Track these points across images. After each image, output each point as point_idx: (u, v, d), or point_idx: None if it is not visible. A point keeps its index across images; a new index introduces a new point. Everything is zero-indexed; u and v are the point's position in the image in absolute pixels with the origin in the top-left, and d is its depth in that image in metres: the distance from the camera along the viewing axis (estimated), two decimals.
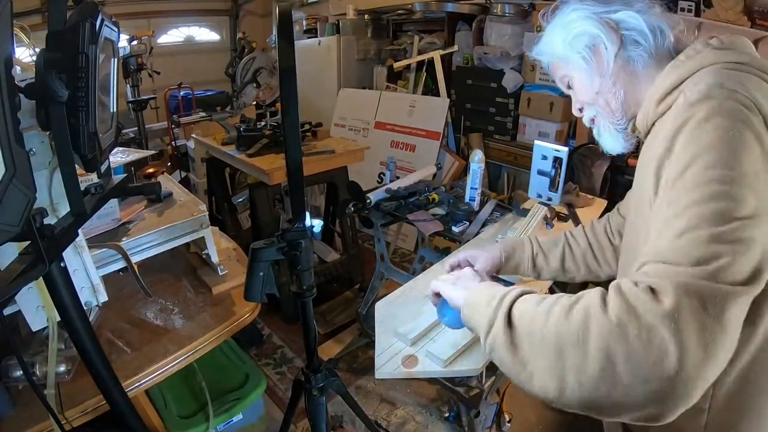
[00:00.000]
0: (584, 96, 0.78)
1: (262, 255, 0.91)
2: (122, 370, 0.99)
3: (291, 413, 1.25)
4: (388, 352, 0.99)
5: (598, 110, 0.77)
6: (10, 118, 0.52)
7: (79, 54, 0.62)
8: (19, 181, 0.54)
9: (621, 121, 0.76)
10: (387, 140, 3.29)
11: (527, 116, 2.87)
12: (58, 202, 0.77)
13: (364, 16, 3.64)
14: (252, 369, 1.53)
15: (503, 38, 2.88)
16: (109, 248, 1.06)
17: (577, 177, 2.55)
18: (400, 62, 3.33)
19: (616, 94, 0.73)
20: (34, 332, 0.91)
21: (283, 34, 0.78)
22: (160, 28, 4.53)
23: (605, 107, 0.75)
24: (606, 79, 0.72)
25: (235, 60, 2.56)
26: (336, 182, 2.43)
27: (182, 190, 1.44)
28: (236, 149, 2.21)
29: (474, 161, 1.72)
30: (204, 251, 1.33)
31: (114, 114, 0.86)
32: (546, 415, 1.14)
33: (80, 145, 0.65)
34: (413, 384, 1.97)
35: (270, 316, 2.40)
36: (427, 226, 1.63)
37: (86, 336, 0.79)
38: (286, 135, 0.83)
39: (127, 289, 1.29)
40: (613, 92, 0.73)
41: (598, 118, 0.79)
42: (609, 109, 0.75)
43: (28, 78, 0.60)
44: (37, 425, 0.87)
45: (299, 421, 1.77)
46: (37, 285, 0.81)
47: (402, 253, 3.12)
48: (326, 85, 3.69)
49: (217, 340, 1.15)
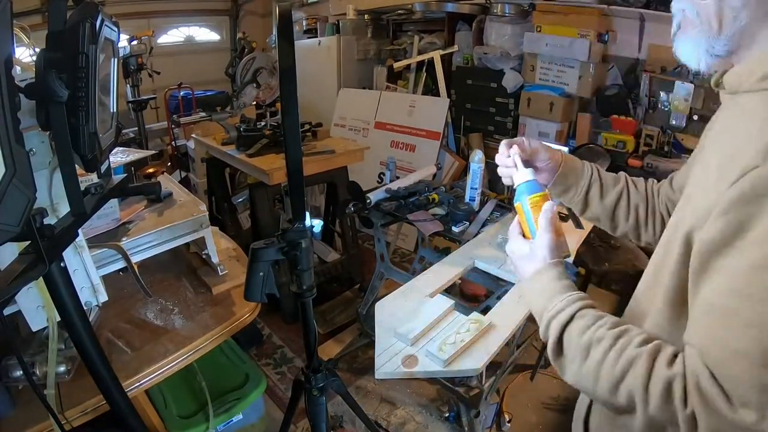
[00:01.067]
0: None
1: (262, 255, 0.91)
2: (122, 370, 0.99)
3: (291, 413, 1.25)
4: (388, 352, 0.99)
5: (698, 12, 0.55)
6: (10, 118, 0.52)
7: (79, 54, 0.62)
8: (19, 181, 0.54)
9: (722, 48, 0.55)
10: (387, 140, 3.29)
11: (527, 116, 2.87)
12: (58, 202, 0.77)
13: (364, 16, 3.64)
14: (252, 369, 1.53)
15: (503, 38, 2.88)
16: (109, 248, 1.06)
17: None
18: (400, 62, 3.33)
19: (737, 17, 0.52)
20: (34, 332, 0.91)
21: (283, 34, 0.78)
22: (160, 28, 4.53)
23: (712, 17, 0.53)
24: None
25: (235, 60, 2.56)
26: (336, 182, 2.43)
27: (182, 190, 1.44)
28: (236, 149, 2.21)
29: (474, 161, 1.72)
30: (204, 251, 1.33)
31: (114, 114, 0.86)
32: (546, 416, 1.13)
33: (80, 145, 0.65)
34: (413, 384, 1.97)
35: (270, 316, 2.40)
36: (427, 226, 1.63)
37: (86, 336, 0.79)
38: (286, 135, 0.83)
39: (127, 289, 1.29)
40: (735, 13, 0.52)
41: (692, 19, 0.56)
42: (716, 23, 0.53)
43: (28, 78, 0.60)
44: (37, 425, 0.87)
45: (299, 421, 1.77)
46: (37, 285, 0.81)
47: (402, 253, 3.12)
48: (326, 85, 3.69)
49: (217, 340, 1.15)
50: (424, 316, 1.09)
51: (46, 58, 0.60)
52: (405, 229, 3.06)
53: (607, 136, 2.55)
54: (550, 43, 2.63)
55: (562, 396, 1.95)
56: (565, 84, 2.71)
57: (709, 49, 0.55)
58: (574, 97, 2.74)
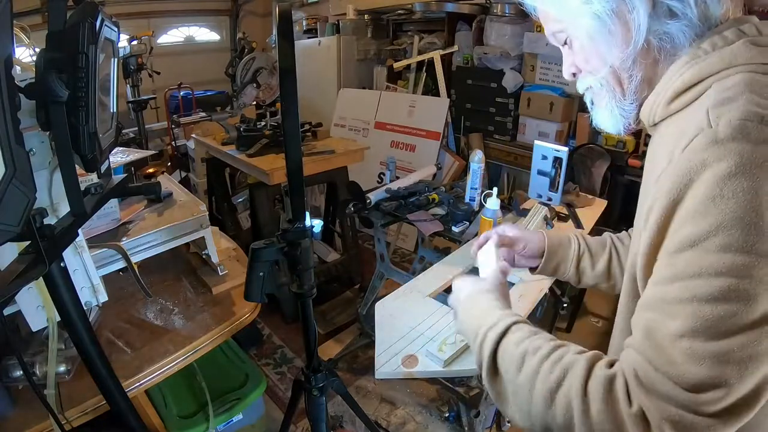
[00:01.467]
0: (587, 65, 0.60)
1: (262, 255, 0.91)
2: (122, 370, 0.99)
3: (291, 413, 1.25)
4: (388, 352, 0.99)
5: (602, 84, 0.60)
6: (10, 118, 0.52)
7: (79, 54, 0.62)
8: (19, 181, 0.54)
9: (630, 105, 0.60)
10: (387, 140, 3.29)
11: (527, 116, 2.87)
12: (58, 202, 0.77)
13: (364, 16, 3.64)
14: (252, 369, 1.53)
15: (503, 38, 2.88)
16: (109, 248, 1.06)
17: (577, 177, 2.55)
18: (400, 62, 3.33)
19: (632, 76, 0.57)
20: (34, 332, 0.91)
21: (283, 34, 0.78)
22: (160, 28, 4.53)
23: (614, 85, 0.59)
24: (627, 53, 0.55)
25: (235, 60, 2.56)
26: (336, 182, 2.43)
27: (182, 190, 1.44)
28: (236, 149, 2.21)
29: (474, 161, 1.72)
30: (204, 251, 1.33)
31: (114, 114, 0.86)
32: None
33: (80, 145, 0.65)
34: (413, 384, 1.97)
35: (270, 316, 2.40)
36: (427, 226, 1.63)
37: (86, 336, 0.79)
38: (286, 135, 0.83)
39: (127, 289, 1.29)
40: (630, 72, 0.56)
41: (599, 91, 0.62)
42: (618, 89, 0.59)
43: (28, 78, 0.60)
44: (37, 425, 0.87)
45: (299, 421, 1.77)
46: (37, 285, 0.82)
47: (402, 253, 3.13)
48: (326, 85, 3.69)
49: (217, 340, 1.15)
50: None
51: (46, 58, 0.60)
52: (405, 229, 3.06)
53: (607, 136, 2.54)
54: (550, 43, 2.62)
55: None
56: (565, 84, 2.71)
57: (621, 112, 0.61)
58: (574, 97, 2.74)
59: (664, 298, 0.46)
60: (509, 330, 0.57)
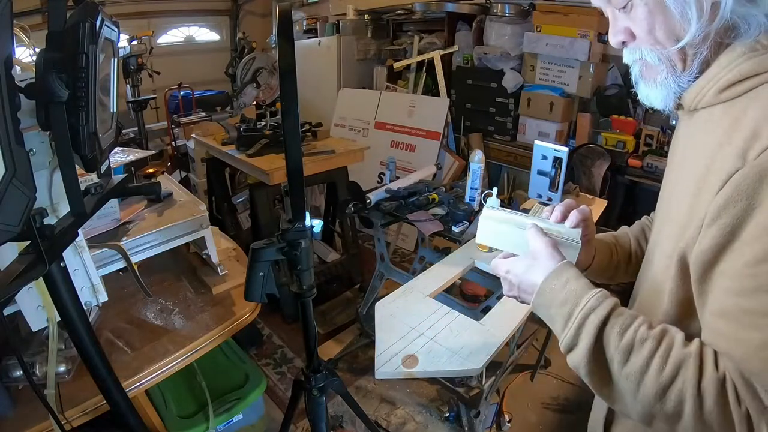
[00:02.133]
0: (649, 35, 0.55)
1: (262, 255, 0.91)
2: (122, 370, 0.99)
3: (291, 413, 1.25)
4: (388, 352, 0.99)
5: (659, 58, 0.56)
6: (10, 118, 0.52)
7: (79, 54, 0.62)
8: (19, 181, 0.54)
9: (687, 83, 0.56)
10: (387, 140, 3.29)
11: (527, 116, 2.87)
12: (58, 202, 0.77)
13: (364, 16, 3.64)
14: (252, 369, 1.53)
15: (503, 38, 2.88)
16: (109, 248, 1.06)
17: (577, 177, 2.55)
18: (400, 62, 3.33)
19: (698, 53, 0.53)
20: (34, 332, 0.91)
21: (283, 34, 0.78)
22: (160, 28, 4.52)
23: (676, 60, 0.55)
24: (705, 29, 0.51)
25: (235, 60, 2.56)
26: (336, 182, 2.43)
27: (182, 190, 1.44)
28: (236, 149, 2.21)
29: (474, 161, 1.72)
30: (204, 251, 1.33)
31: (114, 114, 0.86)
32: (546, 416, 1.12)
33: (80, 145, 0.65)
34: (413, 384, 1.97)
35: (270, 316, 2.40)
36: (427, 226, 1.63)
37: (86, 336, 0.79)
38: (286, 135, 0.83)
39: (127, 289, 1.29)
40: (697, 48, 0.53)
41: (654, 67, 0.57)
42: (680, 65, 0.55)
43: (28, 78, 0.60)
44: (37, 425, 0.87)
45: (299, 421, 1.77)
46: (37, 285, 0.81)
47: (402, 253, 3.12)
48: (326, 85, 3.69)
49: (217, 340, 1.15)
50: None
51: (46, 58, 0.60)
52: (405, 229, 3.06)
53: (607, 136, 2.55)
54: (550, 43, 2.63)
55: (562, 396, 1.95)
56: (565, 84, 2.71)
57: (677, 89, 0.57)
58: (574, 97, 2.75)
59: (749, 310, 0.48)
60: (611, 314, 0.55)
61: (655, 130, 2.45)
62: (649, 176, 2.35)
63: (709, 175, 0.52)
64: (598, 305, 0.56)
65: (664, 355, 0.51)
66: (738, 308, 0.49)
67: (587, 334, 0.55)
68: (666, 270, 0.59)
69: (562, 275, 0.60)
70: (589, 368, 0.55)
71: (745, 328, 0.48)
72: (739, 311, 0.49)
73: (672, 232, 0.58)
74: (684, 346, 0.52)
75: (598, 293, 0.57)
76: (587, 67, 2.58)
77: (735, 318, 0.49)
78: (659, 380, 0.51)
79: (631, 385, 0.52)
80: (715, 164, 0.51)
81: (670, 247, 0.58)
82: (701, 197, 0.52)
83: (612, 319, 0.55)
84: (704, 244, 0.51)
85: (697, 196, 0.53)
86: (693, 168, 0.56)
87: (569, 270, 0.61)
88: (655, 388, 0.51)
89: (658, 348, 0.52)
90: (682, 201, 0.57)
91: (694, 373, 0.50)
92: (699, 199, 0.53)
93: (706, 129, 0.56)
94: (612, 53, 2.65)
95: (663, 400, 0.51)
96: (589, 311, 0.56)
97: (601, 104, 2.64)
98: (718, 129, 0.53)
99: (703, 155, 0.54)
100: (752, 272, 0.47)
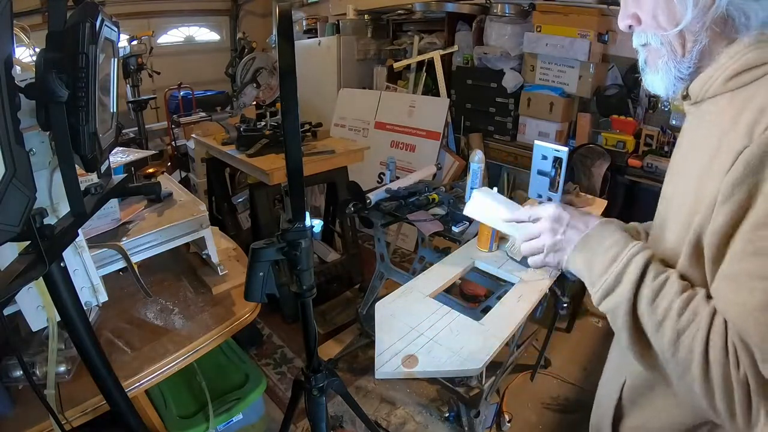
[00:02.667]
0: (653, 20, 0.59)
1: (262, 255, 0.91)
2: (122, 370, 0.99)
3: (291, 413, 1.25)
4: (388, 352, 0.99)
5: (662, 42, 0.59)
6: (10, 118, 0.52)
7: (79, 54, 0.62)
8: (19, 181, 0.54)
9: (687, 69, 0.59)
10: (387, 140, 3.29)
11: (527, 116, 2.87)
12: (58, 202, 0.77)
13: (364, 16, 3.64)
14: (252, 369, 1.53)
15: (503, 38, 2.88)
16: (109, 248, 1.06)
17: (577, 177, 2.55)
18: (400, 62, 3.33)
19: (697, 40, 0.57)
20: (34, 332, 0.91)
21: (283, 34, 0.77)
22: (160, 28, 4.52)
23: (676, 45, 0.58)
24: (702, 17, 0.55)
25: (235, 60, 2.55)
26: (336, 182, 2.43)
27: (182, 190, 1.44)
28: (236, 149, 2.21)
29: (474, 161, 1.72)
30: (204, 251, 1.33)
31: (114, 114, 0.86)
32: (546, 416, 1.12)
33: (80, 145, 0.65)
34: (413, 384, 1.97)
35: (270, 316, 2.40)
36: (427, 226, 1.63)
37: (86, 336, 0.79)
38: (286, 135, 0.83)
39: (127, 289, 1.29)
40: (696, 36, 0.57)
41: (657, 51, 0.61)
42: (680, 50, 0.58)
43: (28, 78, 0.60)
44: (37, 425, 0.87)
45: (299, 421, 1.77)
46: (37, 285, 0.81)
47: (402, 253, 3.12)
48: (326, 85, 3.69)
49: (217, 340, 1.15)
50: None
51: (46, 58, 0.60)
52: (405, 229, 3.06)
53: (607, 136, 2.55)
54: (550, 43, 2.63)
55: (562, 396, 1.95)
56: (565, 84, 2.71)
57: (677, 73, 0.60)
58: (574, 97, 2.74)
59: (748, 272, 0.50)
60: (651, 259, 0.59)
61: (655, 130, 2.45)
62: (649, 176, 2.35)
63: (714, 161, 0.54)
64: (641, 250, 0.59)
65: (687, 300, 0.54)
66: (739, 270, 0.51)
67: (633, 271, 0.58)
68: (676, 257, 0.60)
69: (609, 225, 0.65)
70: (628, 307, 0.57)
71: (741, 289, 0.50)
72: (740, 273, 0.51)
73: (679, 221, 0.60)
74: (704, 299, 0.54)
75: (639, 243, 0.61)
76: (587, 67, 2.58)
77: (735, 279, 0.51)
78: (677, 326, 0.53)
79: (654, 324, 0.55)
80: (722, 148, 0.53)
81: (676, 236, 0.60)
82: (708, 182, 0.54)
83: (652, 264, 0.58)
84: (718, 221, 0.52)
85: (704, 182, 0.55)
86: (698, 159, 0.58)
87: (612, 221, 0.66)
88: (672, 333, 0.53)
89: (681, 293, 0.55)
90: (687, 192, 0.59)
91: (706, 323, 0.52)
92: (706, 184, 0.54)
93: (711, 119, 0.58)
94: (612, 53, 2.65)
95: (677, 344, 0.53)
96: (636, 253, 0.59)
97: (601, 104, 2.64)
98: (724, 117, 0.55)
99: (708, 144, 0.56)
100: (751, 237, 0.49)
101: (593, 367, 2.10)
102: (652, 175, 2.32)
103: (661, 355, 0.55)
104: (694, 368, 0.51)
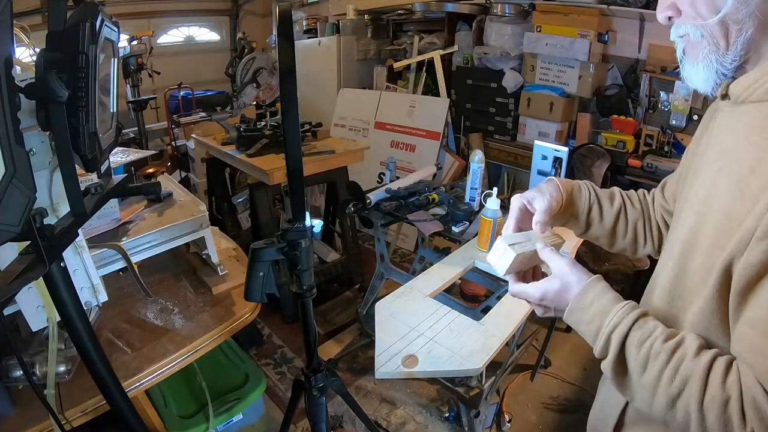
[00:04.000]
0: (692, 8, 0.54)
1: (262, 255, 0.91)
2: (122, 370, 0.99)
3: (291, 413, 1.25)
4: (388, 352, 0.99)
5: (702, 34, 0.55)
6: (10, 118, 0.52)
7: (79, 54, 0.62)
8: (19, 181, 0.54)
9: (731, 63, 0.55)
10: (387, 140, 3.29)
11: (527, 116, 2.87)
12: (58, 202, 0.77)
13: (364, 16, 3.64)
14: (252, 369, 1.53)
15: (503, 38, 2.88)
16: (109, 248, 1.06)
17: (577, 177, 2.55)
18: (400, 62, 3.33)
19: (742, 29, 0.52)
20: (34, 332, 0.91)
21: (283, 34, 0.77)
22: (160, 28, 4.52)
23: (718, 37, 0.54)
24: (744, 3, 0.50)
25: (235, 60, 2.55)
26: (336, 182, 2.43)
27: (182, 190, 1.44)
28: (236, 149, 2.21)
29: (474, 161, 1.72)
30: (204, 251, 1.33)
31: (114, 114, 0.86)
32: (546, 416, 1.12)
33: (80, 145, 0.65)
34: (413, 384, 1.97)
35: (270, 316, 2.40)
36: (427, 226, 1.63)
37: (86, 336, 0.79)
38: (286, 135, 0.83)
39: (127, 289, 1.29)
40: (740, 25, 0.52)
41: (697, 42, 0.56)
42: (723, 42, 0.54)
43: (28, 78, 0.60)
44: (37, 425, 0.87)
45: (299, 421, 1.77)
46: (37, 285, 0.81)
47: (402, 253, 3.12)
48: (326, 85, 3.69)
49: (217, 340, 1.15)
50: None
51: (46, 58, 0.60)
52: (405, 229, 3.06)
53: (607, 136, 2.55)
54: (550, 43, 2.63)
55: (562, 396, 1.95)
56: (565, 84, 2.71)
57: (719, 68, 0.55)
58: (574, 97, 2.75)
59: None
60: (632, 328, 0.57)
61: (655, 130, 2.45)
62: (649, 176, 2.35)
63: (754, 179, 0.50)
64: (620, 322, 0.58)
65: (675, 367, 0.53)
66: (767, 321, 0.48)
67: (612, 348, 0.58)
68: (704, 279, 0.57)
69: (587, 296, 0.62)
70: (616, 377, 0.59)
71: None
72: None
73: (711, 234, 0.56)
74: (694, 359, 0.53)
75: (620, 309, 0.59)
76: (587, 67, 2.59)
77: (763, 330, 0.49)
78: (669, 392, 0.53)
79: (647, 394, 0.56)
80: (763, 168, 0.49)
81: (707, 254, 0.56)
82: (745, 201, 0.50)
83: (632, 333, 0.57)
84: (753, 257, 0.49)
85: (741, 200, 0.51)
86: (735, 165, 0.54)
87: (594, 288, 0.63)
88: (666, 398, 0.53)
89: (670, 360, 0.54)
90: (721, 200, 0.55)
91: (698, 389, 0.51)
92: (742, 202, 0.51)
93: (753, 125, 0.54)
94: (612, 53, 2.65)
95: (673, 409, 0.53)
96: (613, 328, 0.58)
97: (601, 104, 2.64)
98: None
99: (748, 154, 0.52)
100: None
101: (593, 367, 2.10)
102: (652, 175, 2.32)
103: (661, 417, 0.56)
104: (693, 429, 0.52)
